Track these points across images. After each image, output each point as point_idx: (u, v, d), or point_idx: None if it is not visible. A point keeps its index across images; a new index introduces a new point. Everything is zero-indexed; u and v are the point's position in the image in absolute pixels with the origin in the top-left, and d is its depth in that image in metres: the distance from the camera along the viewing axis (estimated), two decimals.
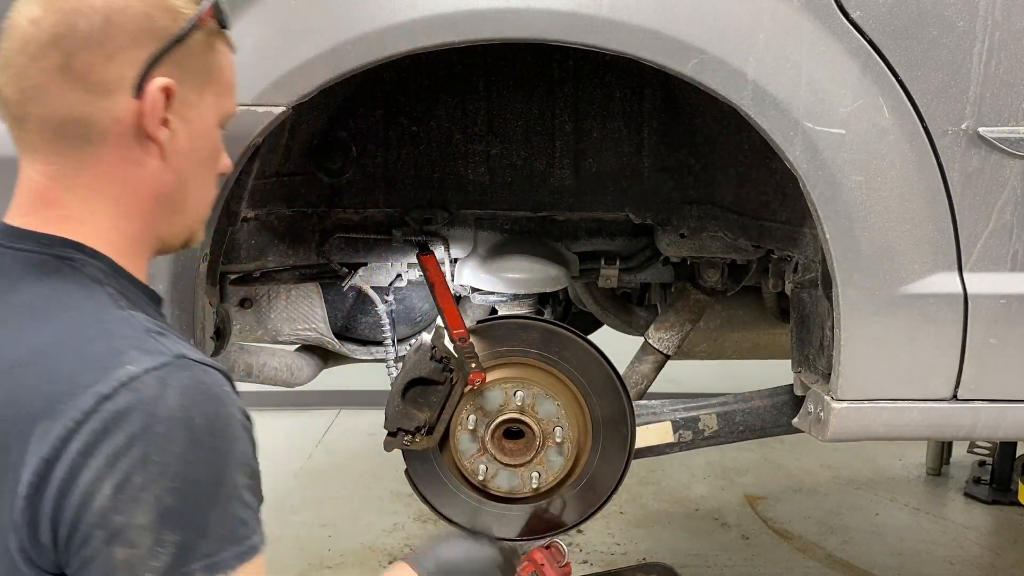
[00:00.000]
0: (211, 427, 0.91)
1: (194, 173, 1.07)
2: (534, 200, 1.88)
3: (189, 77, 1.02)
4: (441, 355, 1.59)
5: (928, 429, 1.56)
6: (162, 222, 1.07)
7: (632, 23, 1.37)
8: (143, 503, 0.87)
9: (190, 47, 1.02)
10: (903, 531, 3.47)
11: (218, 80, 1.07)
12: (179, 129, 1.02)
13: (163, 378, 0.89)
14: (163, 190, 1.04)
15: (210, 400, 0.92)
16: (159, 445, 0.87)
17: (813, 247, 1.64)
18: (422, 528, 3.39)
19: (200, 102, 1.05)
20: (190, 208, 1.09)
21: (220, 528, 0.90)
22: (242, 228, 1.76)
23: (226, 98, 1.10)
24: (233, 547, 0.91)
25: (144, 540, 0.87)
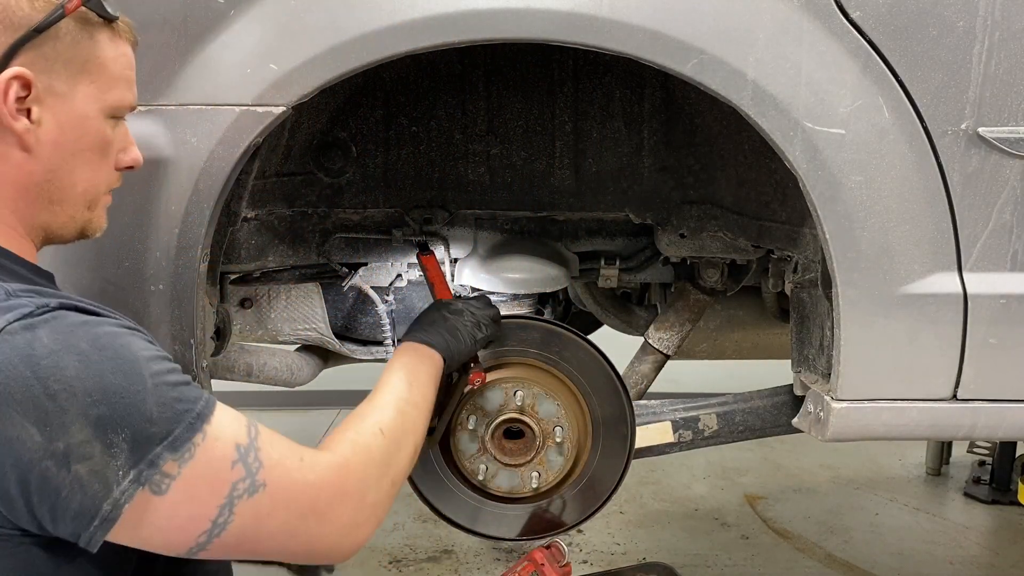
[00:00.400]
0: (96, 343, 0.95)
1: (68, 164, 1.08)
2: (534, 200, 1.88)
3: (59, 67, 1.03)
4: None
5: (928, 429, 1.56)
6: (40, 212, 1.08)
7: (632, 23, 1.37)
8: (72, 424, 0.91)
9: (58, 36, 1.03)
10: (903, 531, 3.47)
11: (97, 71, 1.08)
12: (45, 119, 1.03)
13: (29, 324, 0.93)
14: (31, 180, 1.06)
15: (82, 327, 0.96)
16: (54, 376, 0.91)
17: (813, 247, 1.64)
18: (422, 528, 3.39)
19: (72, 93, 1.05)
20: (71, 198, 1.10)
21: (162, 412, 0.96)
22: (242, 228, 1.76)
23: (112, 89, 1.10)
24: (182, 421, 0.97)
25: (95, 449, 0.92)
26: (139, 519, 0.96)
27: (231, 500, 1.00)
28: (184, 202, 1.40)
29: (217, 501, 1.00)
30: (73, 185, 1.09)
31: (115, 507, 0.94)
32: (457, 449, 1.64)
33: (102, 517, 0.93)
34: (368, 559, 3.18)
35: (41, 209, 1.09)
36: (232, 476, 1.01)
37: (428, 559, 3.20)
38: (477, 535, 1.75)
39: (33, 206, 1.08)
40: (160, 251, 1.41)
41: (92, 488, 0.92)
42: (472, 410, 1.62)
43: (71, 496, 0.92)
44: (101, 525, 0.94)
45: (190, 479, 0.97)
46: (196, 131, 1.38)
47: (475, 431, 1.62)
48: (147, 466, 0.94)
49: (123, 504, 0.94)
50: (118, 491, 0.93)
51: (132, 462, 0.94)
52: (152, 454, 0.95)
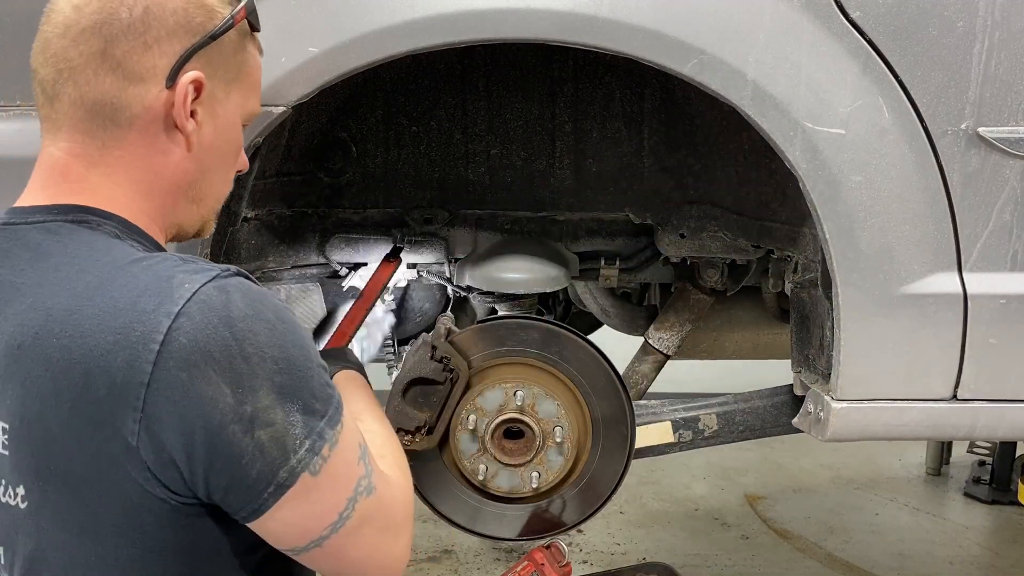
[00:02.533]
0: (279, 316, 0.98)
1: (215, 166, 1.11)
2: (534, 200, 1.88)
3: (219, 73, 1.07)
4: (442, 355, 1.59)
5: (928, 429, 1.56)
6: (180, 210, 1.12)
7: (632, 23, 1.37)
8: (260, 389, 0.94)
9: (223, 45, 1.07)
10: (903, 531, 3.47)
11: (246, 79, 1.12)
12: (205, 122, 1.07)
13: (222, 287, 0.95)
14: (184, 179, 1.09)
15: (266, 297, 1.00)
16: (249, 340, 0.94)
17: (813, 247, 1.64)
18: (422, 528, 3.39)
19: (227, 99, 1.09)
20: (208, 199, 1.14)
21: (322, 391, 1.00)
22: (242, 228, 1.76)
23: (251, 97, 1.14)
24: (333, 404, 1.01)
25: (277, 416, 0.94)
26: (298, 496, 0.96)
27: (355, 495, 1.02)
28: None
29: (347, 493, 1.01)
30: (213, 185, 1.13)
31: (291, 474, 0.95)
32: (457, 449, 1.63)
33: (277, 483, 0.95)
34: None
35: (183, 207, 1.11)
36: (358, 471, 1.03)
37: (428, 559, 3.20)
38: (477, 535, 1.75)
39: (178, 203, 1.10)
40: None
41: (272, 454, 0.94)
42: (472, 410, 1.62)
43: (251, 463, 0.93)
44: (275, 491, 0.95)
45: (335, 465, 0.99)
46: None
47: (475, 431, 1.62)
48: (317, 437, 0.97)
49: (299, 472, 0.95)
50: (295, 459, 0.95)
51: (306, 432, 0.96)
52: (319, 428, 0.97)
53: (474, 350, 1.65)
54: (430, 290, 2.13)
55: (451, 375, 1.60)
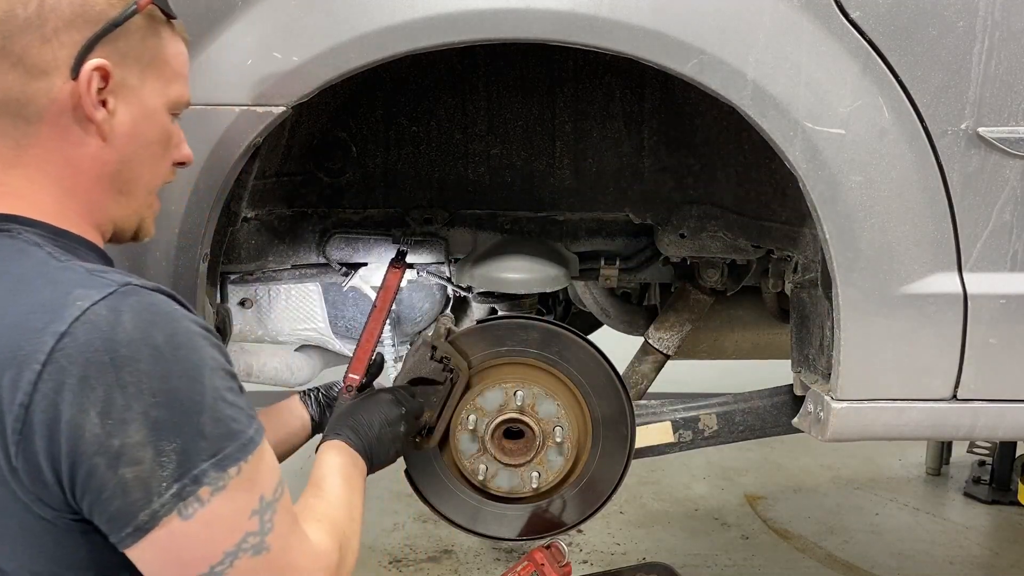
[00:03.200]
0: (172, 341, 0.94)
1: (138, 155, 1.10)
2: (534, 200, 1.88)
3: (129, 61, 1.06)
4: (442, 355, 1.59)
5: (928, 429, 1.56)
6: (110, 204, 1.10)
7: (632, 23, 1.37)
8: (132, 422, 0.90)
9: (129, 32, 1.06)
10: (903, 531, 3.47)
11: (163, 66, 1.11)
12: (120, 110, 1.06)
13: (113, 306, 0.92)
14: (105, 170, 1.08)
15: (164, 318, 0.95)
16: (129, 367, 0.90)
17: (813, 247, 1.64)
18: (422, 528, 3.40)
19: (143, 86, 1.08)
20: (137, 191, 1.13)
21: (215, 428, 0.94)
22: (242, 228, 1.76)
23: (173, 85, 1.13)
24: (233, 442, 0.95)
25: (146, 454, 0.90)
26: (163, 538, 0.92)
27: (237, 551, 0.96)
28: (184, 202, 1.40)
29: (226, 546, 0.95)
30: (140, 176, 1.12)
31: (152, 518, 0.91)
32: (457, 449, 1.63)
33: (135, 526, 0.92)
34: (368, 559, 3.19)
35: (112, 200, 1.10)
36: (248, 525, 0.97)
37: (428, 559, 3.20)
38: (477, 535, 1.75)
39: (106, 196, 1.10)
40: (160, 251, 1.41)
41: (134, 495, 0.90)
42: (472, 410, 1.62)
43: (111, 499, 0.91)
44: (133, 533, 0.92)
45: (215, 511, 0.94)
46: (196, 131, 1.37)
47: (475, 431, 1.62)
48: (191, 481, 0.92)
49: (161, 516, 0.91)
50: (158, 503, 0.91)
51: (177, 475, 0.91)
52: (198, 470, 0.92)
53: (474, 350, 1.65)
54: (430, 290, 2.13)
55: (451, 375, 1.60)
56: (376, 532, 3.38)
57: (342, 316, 2.10)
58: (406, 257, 1.78)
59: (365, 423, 1.41)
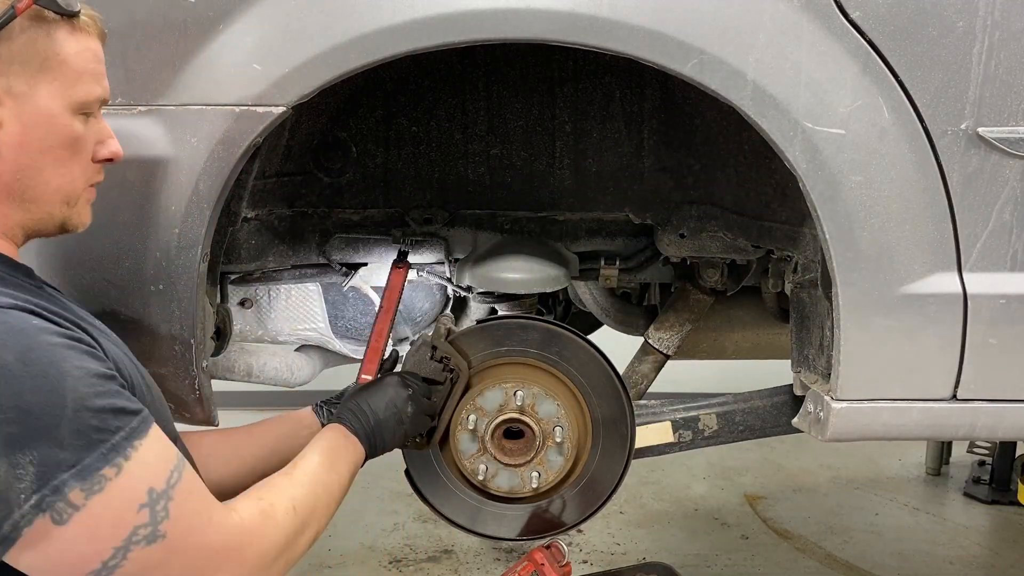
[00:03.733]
0: (24, 358, 0.94)
1: (36, 163, 1.08)
2: (534, 200, 1.88)
3: (16, 68, 1.04)
4: (442, 355, 1.59)
5: (927, 429, 1.56)
6: (13, 211, 1.09)
7: (632, 23, 1.37)
8: None
9: (11, 38, 1.03)
10: (903, 531, 3.47)
11: (57, 67, 1.07)
12: (8, 121, 1.04)
13: None
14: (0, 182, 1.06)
15: (14, 336, 0.95)
16: None
17: (813, 247, 1.64)
18: (422, 528, 3.40)
19: (34, 92, 1.05)
20: (45, 196, 1.10)
21: (76, 439, 0.94)
22: (242, 228, 1.76)
23: (76, 85, 1.09)
24: (96, 450, 0.95)
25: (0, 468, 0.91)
26: (36, 546, 0.94)
27: (128, 544, 0.98)
28: (184, 202, 1.40)
29: (113, 542, 0.97)
30: (45, 183, 1.09)
31: (14, 529, 0.93)
32: (457, 449, 1.63)
33: (2, 538, 0.93)
34: (368, 559, 3.19)
35: (14, 208, 1.09)
36: (135, 520, 0.99)
37: (428, 559, 3.20)
38: (477, 535, 1.75)
39: (5, 205, 1.08)
40: (160, 251, 1.41)
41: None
42: (472, 410, 1.62)
43: None
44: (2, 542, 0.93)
45: (93, 514, 0.95)
46: (196, 131, 1.38)
47: (475, 431, 1.62)
48: (51, 492, 0.93)
49: (22, 527, 0.93)
50: (18, 514, 0.92)
51: (36, 486, 0.92)
52: (58, 480, 0.93)
53: (474, 350, 1.65)
54: (430, 290, 2.13)
55: (451, 375, 1.60)
56: (376, 532, 3.38)
57: (342, 316, 2.10)
58: (407, 257, 1.78)
59: (368, 406, 1.42)
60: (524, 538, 1.73)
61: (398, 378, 1.50)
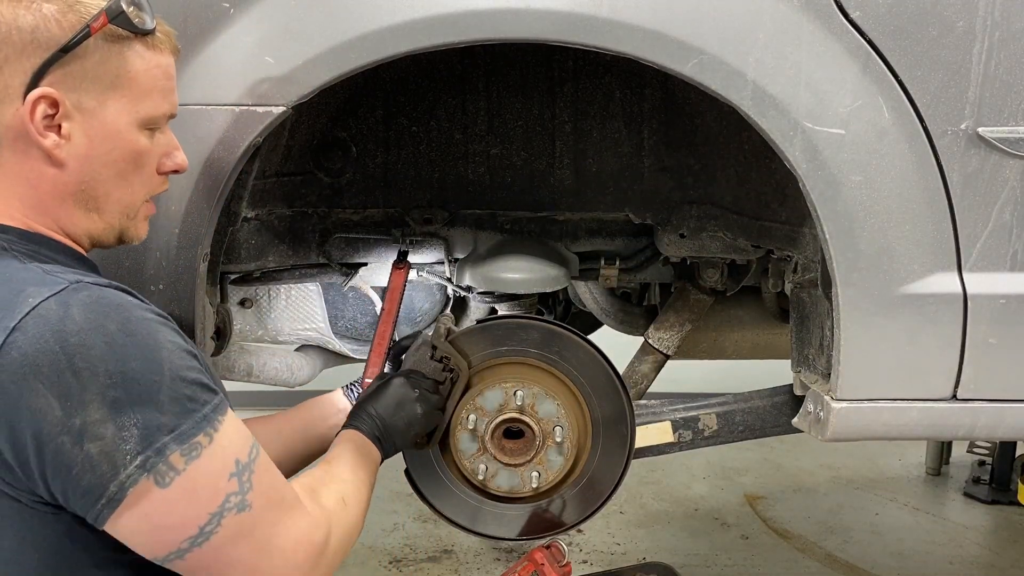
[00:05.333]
0: (124, 328, 0.99)
1: (103, 176, 1.12)
2: (534, 200, 1.87)
3: (87, 84, 1.07)
4: (442, 355, 1.59)
5: (928, 429, 1.56)
6: (78, 221, 1.13)
7: (632, 23, 1.37)
8: (90, 403, 0.95)
9: (85, 55, 1.07)
10: (903, 531, 3.47)
11: (127, 84, 1.11)
12: (76, 134, 1.08)
13: (63, 300, 0.98)
14: (66, 191, 1.10)
15: (114, 309, 1.00)
16: (80, 354, 0.95)
17: (813, 247, 1.64)
18: (422, 528, 3.40)
19: (102, 108, 1.09)
20: (109, 209, 1.15)
21: (173, 405, 0.99)
22: (242, 228, 1.76)
23: (144, 101, 1.12)
24: (191, 417, 1.01)
25: (108, 430, 0.96)
26: (140, 507, 0.98)
27: (222, 511, 1.02)
28: (184, 202, 1.40)
29: (210, 508, 1.01)
30: (107, 195, 1.13)
31: (120, 489, 0.97)
32: (457, 449, 1.63)
33: (108, 497, 0.97)
34: (368, 559, 3.19)
35: (81, 218, 1.13)
36: (228, 487, 1.03)
37: (428, 559, 3.20)
38: (477, 535, 1.75)
39: (73, 215, 1.12)
40: (160, 251, 1.41)
41: (101, 468, 0.96)
42: (472, 410, 1.62)
43: (81, 474, 0.96)
44: (107, 505, 0.97)
45: (192, 478, 1.00)
46: (196, 131, 1.38)
47: (475, 431, 1.62)
48: (155, 453, 0.97)
49: (128, 488, 0.97)
50: (124, 474, 0.96)
51: (140, 448, 0.97)
52: (160, 443, 0.98)
53: (474, 350, 1.65)
54: (430, 290, 2.13)
55: (451, 375, 1.60)
56: (376, 532, 3.38)
57: (342, 316, 2.10)
58: (407, 257, 1.78)
59: (378, 410, 1.44)
60: (524, 538, 1.73)
61: (403, 379, 1.51)
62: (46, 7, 1.05)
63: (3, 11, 1.04)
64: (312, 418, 1.61)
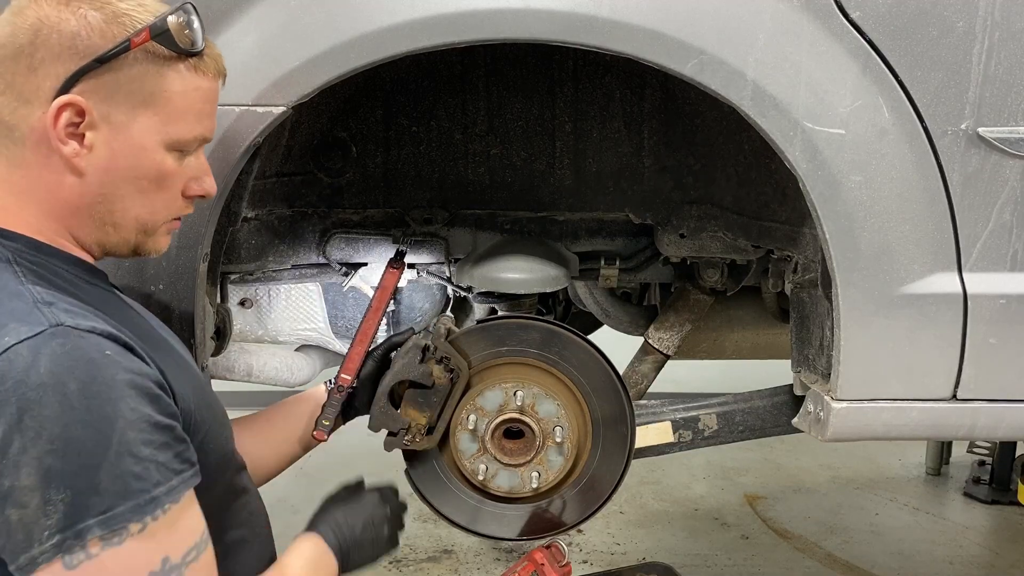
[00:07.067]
0: (85, 390, 0.94)
1: (120, 190, 1.09)
2: (534, 200, 1.87)
3: (119, 98, 1.05)
4: (442, 355, 1.59)
5: (928, 429, 1.56)
6: (93, 232, 1.11)
7: (632, 23, 1.37)
8: (25, 466, 0.91)
9: (122, 69, 1.05)
10: (903, 531, 3.47)
11: (162, 104, 1.08)
12: (99, 146, 1.06)
13: (36, 347, 0.93)
14: (83, 202, 1.09)
15: (83, 365, 0.95)
16: (32, 411, 0.91)
17: (813, 247, 1.64)
18: (422, 528, 3.39)
19: (131, 123, 1.07)
20: (124, 223, 1.12)
21: (112, 484, 0.93)
22: (242, 228, 1.76)
23: (176, 123, 1.10)
24: (128, 501, 0.94)
25: (32, 500, 0.91)
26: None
27: None
28: None
29: None
30: (125, 211, 1.11)
31: (31, 563, 0.93)
32: (457, 449, 1.63)
33: (18, 566, 0.93)
34: None
35: (94, 229, 1.11)
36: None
37: (428, 559, 3.20)
38: (477, 535, 1.75)
39: (86, 225, 1.11)
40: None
41: (17, 536, 0.92)
42: (472, 410, 1.62)
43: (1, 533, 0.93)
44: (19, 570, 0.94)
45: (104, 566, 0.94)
46: None
47: (475, 431, 1.62)
48: (73, 536, 0.92)
49: (39, 563, 0.93)
50: (37, 550, 0.92)
51: (61, 526, 0.92)
52: (82, 525, 0.92)
53: (474, 350, 1.65)
54: (430, 290, 2.13)
55: (451, 375, 1.60)
56: None
57: (342, 316, 2.10)
58: (405, 257, 1.78)
59: (347, 523, 1.36)
60: (524, 538, 1.73)
61: (379, 496, 1.46)
62: (92, 15, 1.03)
63: (49, 13, 1.03)
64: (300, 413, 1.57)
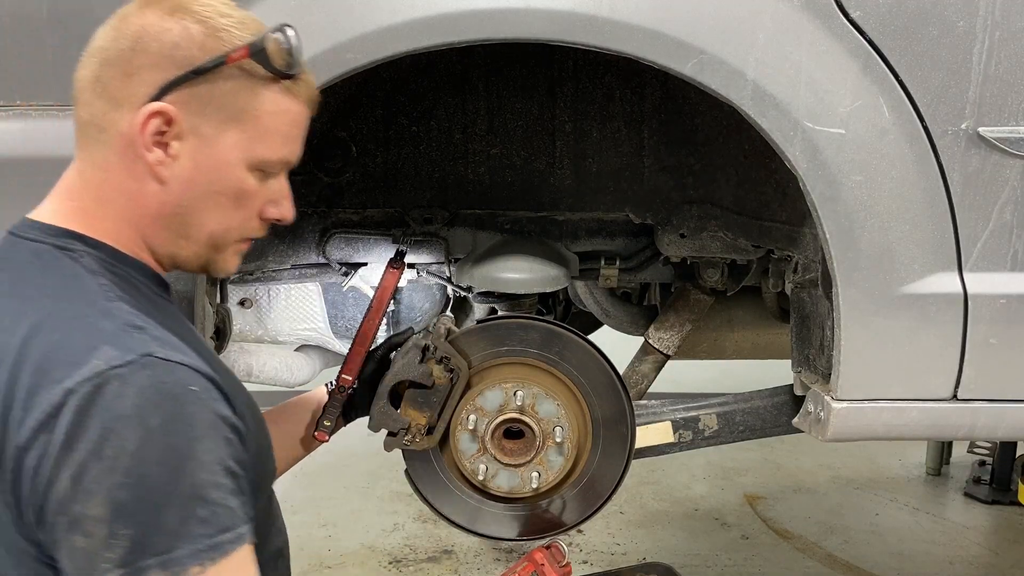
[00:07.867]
0: (167, 427, 0.94)
1: (200, 204, 1.10)
2: (534, 200, 1.87)
3: (210, 111, 1.06)
4: (442, 355, 1.59)
5: (928, 429, 1.56)
6: (167, 243, 1.12)
7: (632, 23, 1.37)
8: (97, 495, 0.91)
9: (217, 83, 1.05)
10: (903, 531, 3.47)
11: (250, 122, 1.08)
12: (183, 157, 1.06)
13: (125, 376, 0.93)
14: (161, 211, 1.09)
15: (168, 400, 0.95)
16: (113, 442, 0.91)
17: (813, 247, 1.64)
18: (422, 528, 3.40)
19: (218, 138, 1.07)
20: (198, 237, 1.12)
21: (178, 526, 0.93)
22: None
23: (261, 143, 1.10)
24: (190, 545, 0.93)
25: (99, 531, 0.91)
26: None
27: None
28: None
29: None
30: (201, 225, 1.11)
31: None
32: (457, 449, 1.63)
33: None
34: (368, 559, 3.19)
35: (168, 240, 1.11)
36: None
37: (428, 559, 3.20)
38: (477, 535, 1.75)
39: (161, 235, 1.11)
40: None
41: (78, 563, 0.93)
42: (472, 410, 1.62)
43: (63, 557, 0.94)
44: None
45: None
46: None
47: (475, 431, 1.62)
48: (132, 573, 0.92)
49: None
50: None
51: (122, 562, 0.91)
52: (142, 563, 0.92)
53: (474, 350, 1.65)
54: (430, 290, 2.13)
55: (451, 375, 1.60)
56: (376, 532, 3.38)
57: (342, 316, 2.10)
58: (405, 257, 1.78)
59: None
60: (524, 538, 1.73)
61: None
62: (193, 27, 1.04)
63: (152, 20, 1.04)
64: (302, 414, 1.58)
